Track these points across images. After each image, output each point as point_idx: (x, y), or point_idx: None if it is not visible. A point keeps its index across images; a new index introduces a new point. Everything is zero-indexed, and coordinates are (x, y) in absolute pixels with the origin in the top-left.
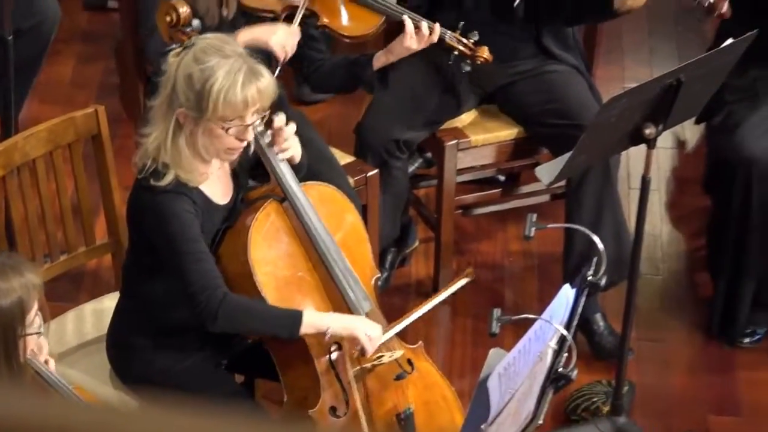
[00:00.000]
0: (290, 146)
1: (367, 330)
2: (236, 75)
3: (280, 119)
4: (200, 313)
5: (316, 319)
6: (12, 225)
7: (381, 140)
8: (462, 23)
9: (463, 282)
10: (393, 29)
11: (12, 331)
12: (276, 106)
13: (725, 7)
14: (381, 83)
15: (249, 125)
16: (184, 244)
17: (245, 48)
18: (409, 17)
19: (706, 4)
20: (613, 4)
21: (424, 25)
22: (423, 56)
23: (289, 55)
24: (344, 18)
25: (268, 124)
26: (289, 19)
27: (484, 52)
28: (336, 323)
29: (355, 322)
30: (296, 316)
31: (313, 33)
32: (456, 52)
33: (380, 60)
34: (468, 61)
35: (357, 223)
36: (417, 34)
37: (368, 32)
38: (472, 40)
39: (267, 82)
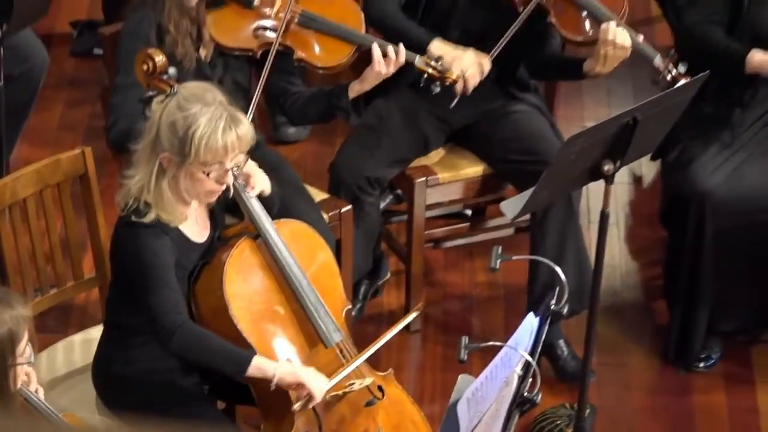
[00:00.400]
0: (257, 182)
1: (313, 380)
2: (217, 122)
3: (245, 160)
4: (157, 335)
5: (264, 364)
6: (4, 260)
7: (354, 178)
8: (428, 48)
9: (413, 315)
10: (364, 57)
11: (2, 360)
12: (253, 148)
13: (684, 79)
14: (356, 111)
15: (228, 170)
16: (153, 271)
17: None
18: (377, 44)
19: (669, 78)
20: (582, 70)
21: (390, 49)
22: (394, 97)
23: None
24: (317, 50)
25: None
26: (264, 56)
27: (452, 74)
28: (282, 370)
29: (301, 372)
30: (246, 358)
31: (288, 68)
32: (426, 75)
33: (355, 89)
34: (437, 83)
35: (328, 259)
36: (385, 59)
37: (341, 62)
38: (439, 63)
39: (246, 128)
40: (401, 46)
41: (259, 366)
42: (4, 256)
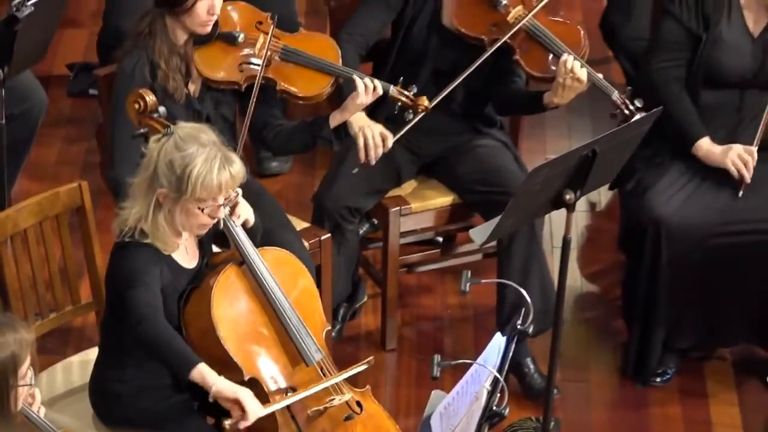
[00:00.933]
0: (242, 211)
1: (249, 400)
2: (212, 162)
3: (236, 195)
4: (130, 322)
5: (207, 374)
6: (6, 287)
7: (335, 207)
8: (402, 78)
9: (362, 367)
10: (338, 91)
11: (5, 382)
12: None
13: (637, 115)
14: (338, 138)
15: (221, 205)
16: (139, 275)
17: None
18: (358, 75)
19: (627, 112)
20: (542, 102)
21: (367, 80)
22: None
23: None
24: (298, 82)
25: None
26: (249, 89)
27: (424, 101)
28: (222, 385)
29: (240, 391)
30: (193, 362)
31: (271, 101)
32: (399, 104)
33: (336, 118)
34: (410, 111)
35: (309, 283)
36: (365, 90)
37: (321, 92)
38: (411, 92)
39: (238, 167)
40: (376, 80)
41: (202, 373)
42: (7, 282)
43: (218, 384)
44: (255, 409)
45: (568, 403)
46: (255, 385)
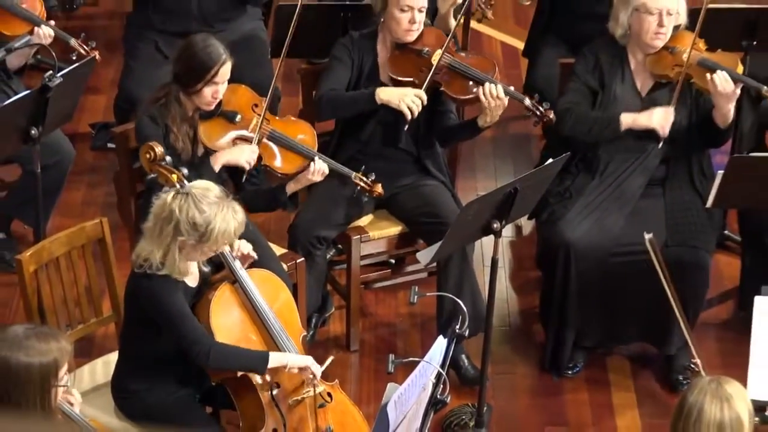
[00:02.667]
0: (243, 247)
1: (314, 363)
2: (226, 216)
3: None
4: (195, 358)
5: (278, 357)
6: (42, 303)
7: (307, 237)
8: (363, 167)
9: (327, 363)
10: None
11: (47, 381)
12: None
13: (549, 113)
14: (293, 203)
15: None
16: (175, 309)
17: (222, 166)
18: (318, 158)
19: (538, 113)
20: (478, 125)
21: (321, 164)
22: (335, 186)
23: (252, 164)
24: (279, 160)
25: None
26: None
27: (378, 188)
28: (294, 358)
29: (308, 359)
30: (264, 357)
31: (253, 172)
32: (359, 188)
33: (291, 187)
34: (367, 194)
35: (288, 298)
36: (314, 173)
37: (296, 171)
38: (370, 179)
39: (242, 214)
40: (326, 167)
41: (275, 358)
42: (43, 300)
43: (291, 359)
44: (319, 367)
45: (497, 392)
46: (245, 379)
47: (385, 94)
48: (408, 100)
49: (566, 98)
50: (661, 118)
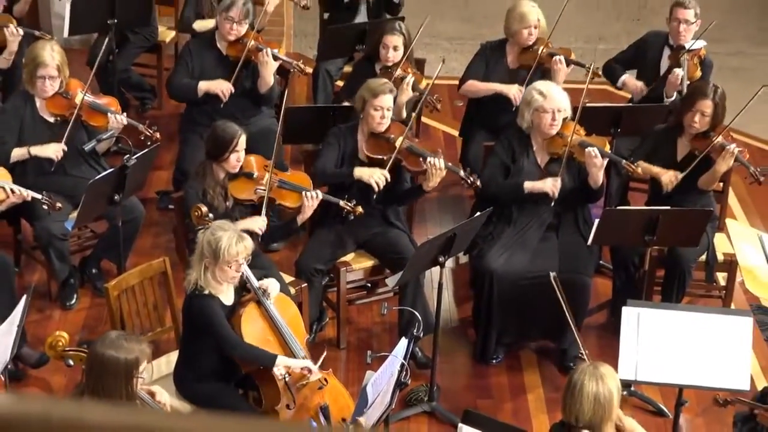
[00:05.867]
0: (272, 289)
1: (312, 364)
2: (230, 240)
3: (248, 260)
4: (229, 356)
5: (284, 359)
6: (123, 318)
7: (308, 269)
8: (347, 195)
9: (322, 357)
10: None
11: (131, 373)
12: (254, 255)
13: (478, 182)
14: (302, 229)
15: (241, 264)
16: (216, 320)
17: (242, 229)
18: (305, 192)
19: (470, 181)
20: (423, 189)
21: (314, 194)
22: (328, 225)
23: (263, 230)
24: (288, 199)
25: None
26: (260, 203)
27: (359, 209)
28: (296, 360)
29: (306, 362)
30: (273, 357)
31: (270, 212)
32: (346, 210)
33: (298, 219)
34: (351, 214)
35: (296, 312)
36: (313, 198)
37: (300, 205)
38: (352, 203)
39: (248, 241)
40: (319, 193)
41: (283, 363)
42: (123, 315)
43: (294, 362)
44: (314, 365)
45: (444, 375)
46: (266, 370)
47: (359, 172)
48: (376, 176)
49: (488, 170)
50: (551, 185)
